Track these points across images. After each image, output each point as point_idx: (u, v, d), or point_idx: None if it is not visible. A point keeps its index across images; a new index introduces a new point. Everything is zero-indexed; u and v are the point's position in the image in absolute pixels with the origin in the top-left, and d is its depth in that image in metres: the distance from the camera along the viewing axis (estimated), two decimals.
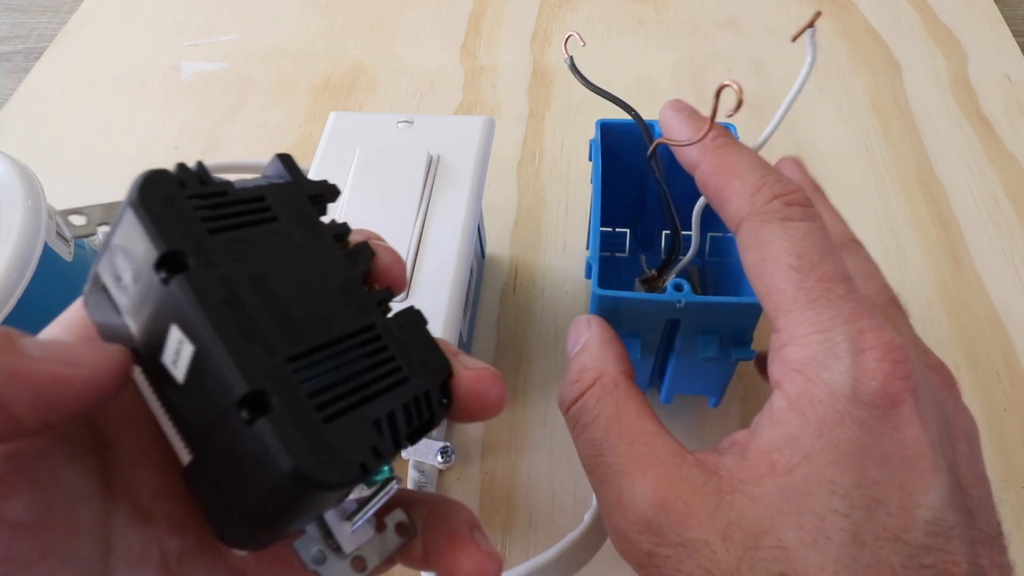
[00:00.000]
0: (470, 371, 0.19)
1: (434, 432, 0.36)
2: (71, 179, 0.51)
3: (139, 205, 0.15)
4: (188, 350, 0.15)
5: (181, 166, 0.16)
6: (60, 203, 0.40)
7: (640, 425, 0.21)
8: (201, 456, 0.15)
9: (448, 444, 0.36)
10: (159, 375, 0.15)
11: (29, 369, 0.14)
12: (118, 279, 0.16)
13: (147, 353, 0.16)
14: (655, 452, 0.20)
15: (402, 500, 0.20)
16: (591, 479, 0.21)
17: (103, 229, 0.17)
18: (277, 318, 0.16)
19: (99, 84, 0.58)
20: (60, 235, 0.37)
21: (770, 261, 0.20)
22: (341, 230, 0.19)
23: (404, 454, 0.35)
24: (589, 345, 0.23)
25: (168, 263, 0.15)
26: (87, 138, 0.54)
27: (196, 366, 0.15)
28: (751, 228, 0.21)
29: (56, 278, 0.36)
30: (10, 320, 0.33)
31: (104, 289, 0.16)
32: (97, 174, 0.51)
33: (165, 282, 0.15)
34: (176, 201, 0.16)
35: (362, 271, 0.18)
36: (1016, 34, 0.60)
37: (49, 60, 0.61)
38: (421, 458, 0.35)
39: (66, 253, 0.37)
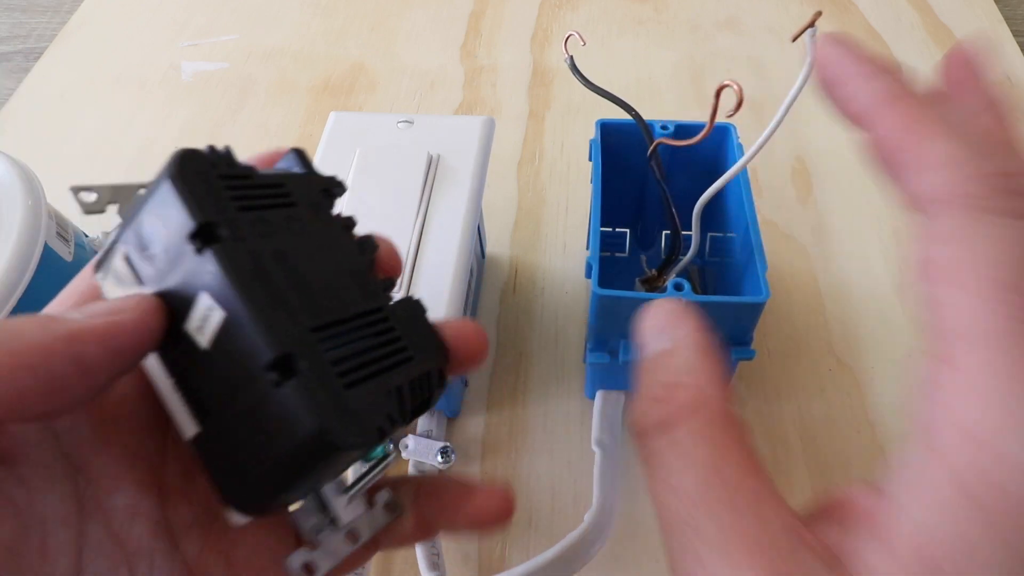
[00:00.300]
0: (454, 322, 0.20)
1: (434, 432, 0.36)
2: (71, 179, 0.50)
3: (177, 179, 0.16)
4: (217, 317, 0.16)
5: (212, 148, 0.17)
6: (60, 203, 0.40)
7: (749, 484, 0.15)
8: (215, 423, 0.16)
9: (448, 444, 0.36)
10: (175, 343, 0.16)
11: (87, 326, 0.15)
12: (144, 249, 0.17)
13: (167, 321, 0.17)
14: (766, 527, 0.14)
15: (389, 483, 0.21)
16: (669, 541, 0.16)
17: (112, 208, 0.18)
18: (300, 292, 0.17)
19: (99, 84, 0.58)
20: (60, 235, 0.37)
21: (970, 266, 0.14)
22: (348, 222, 0.20)
23: (404, 454, 0.35)
24: (681, 349, 0.17)
25: (203, 234, 0.16)
26: (87, 138, 0.54)
27: (224, 332, 0.16)
28: (953, 213, 0.14)
29: (56, 278, 0.36)
30: None
31: (126, 259, 0.17)
32: (97, 174, 0.51)
33: (199, 252, 0.16)
34: (209, 178, 0.17)
35: (368, 260, 0.20)
36: (1016, 34, 0.60)
37: (49, 60, 0.61)
38: (421, 458, 0.35)
39: (66, 253, 0.37)
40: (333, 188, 0.20)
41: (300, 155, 0.20)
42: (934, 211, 0.15)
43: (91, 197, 0.18)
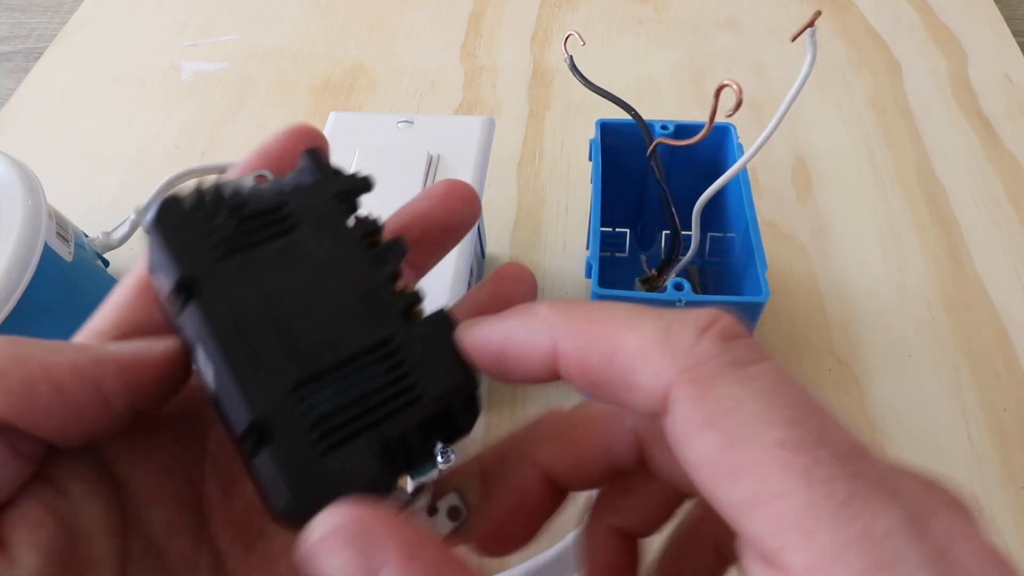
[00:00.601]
0: (501, 269, 0.21)
1: None
2: (71, 179, 0.51)
3: (155, 232, 0.16)
4: (210, 370, 0.15)
5: (198, 190, 0.17)
6: (60, 203, 0.40)
7: None
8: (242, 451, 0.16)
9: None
10: None
11: (113, 354, 0.15)
12: (161, 291, 0.17)
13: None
14: None
15: (457, 483, 0.20)
16: None
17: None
18: (286, 341, 0.16)
19: (99, 84, 0.58)
20: (60, 235, 0.37)
21: (745, 444, 0.12)
22: (371, 227, 0.18)
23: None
24: None
25: (183, 289, 0.16)
26: (87, 138, 0.54)
27: (216, 385, 0.15)
28: (690, 397, 0.13)
29: (56, 278, 0.36)
30: (10, 320, 0.33)
31: (161, 295, 0.17)
32: (97, 174, 0.51)
33: (182, 308, 0.16)
34: (190, 227, 0.16)
35: (390, 272, 0.18)
36: (1016, 34, 0.60)
37: (49, 60, 0.61)
38: None
39: (66, 253, 0.37)
40: (351, 191, 0.18)
41: (313, 157, 0.18)
42: (672, 403, 0.13)
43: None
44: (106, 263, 0.43)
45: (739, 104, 0.23)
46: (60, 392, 0.14)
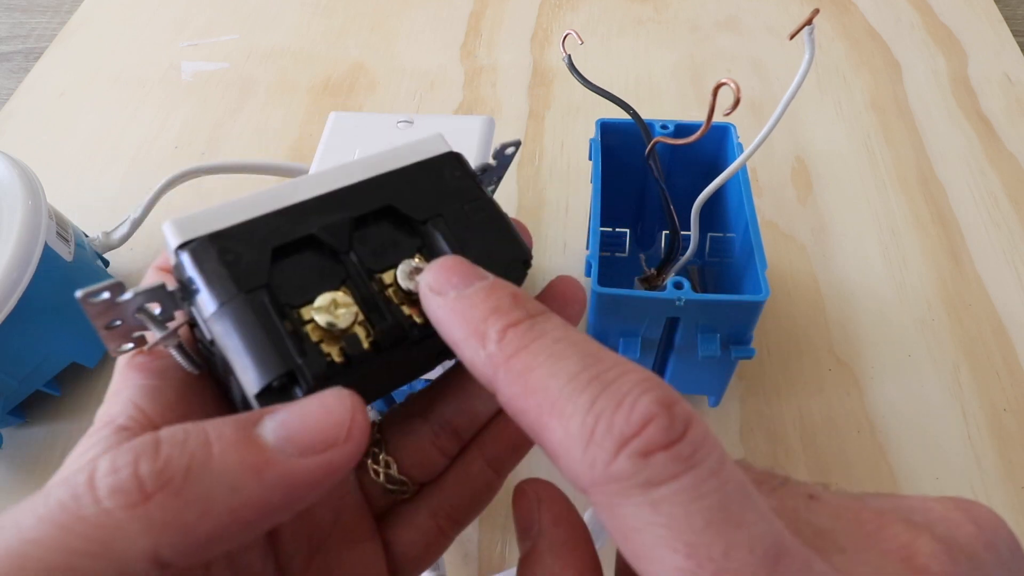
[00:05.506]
0: (555, 281, 0.20)
1: None
2: (71, 179, 0.51)
3: None
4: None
5: None
6: (60, 203, 0.40)
7: None
8: None
9: None
10: None
11: (277, 471, 0.13)
12: None
13: None
14: None
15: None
16: None
17: None
18: None
19: (99, 84, 0.58)
20: (60, 235, 0.37)
21: (651, 565, 0.12)
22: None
23: None
24: (541, 553, 0.17)
25: None
26: (87, 138, 0.54)
27: None
28: (603, 511, 0.13)
29: (56, 278, 0.36)
30: (10, 320, 0.33)
31: None
32: (97, 174, 0.51)
33: None
34: None
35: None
36: (1016, 34, 0.60)
37: (49, 60, 0.61)
38: None
39: (66, 253, 0.37)
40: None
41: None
42: (591, 500, 0.13)
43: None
44: (106, 263, 0.43)
45: (737, 102, 0.23)
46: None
